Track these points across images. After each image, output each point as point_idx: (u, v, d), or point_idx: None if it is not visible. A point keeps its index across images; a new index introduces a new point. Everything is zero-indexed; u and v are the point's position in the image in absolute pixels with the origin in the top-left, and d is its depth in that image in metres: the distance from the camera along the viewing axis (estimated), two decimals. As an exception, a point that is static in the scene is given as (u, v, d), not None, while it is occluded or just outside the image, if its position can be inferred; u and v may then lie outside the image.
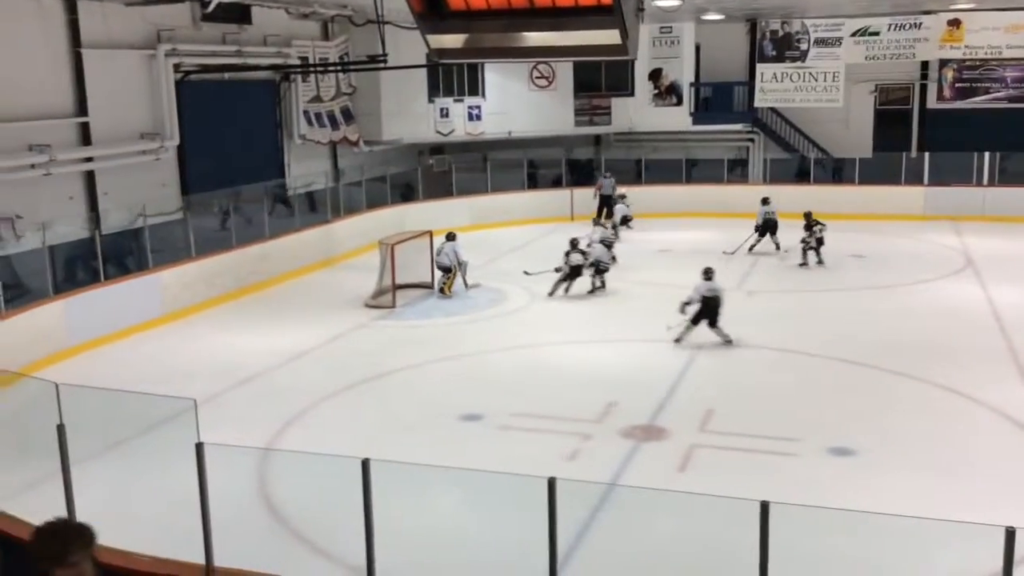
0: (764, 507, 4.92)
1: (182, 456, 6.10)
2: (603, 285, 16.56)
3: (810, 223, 18.27)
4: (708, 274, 13.41)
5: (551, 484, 5.40)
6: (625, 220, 21.63)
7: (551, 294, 16.29)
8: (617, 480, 8.87)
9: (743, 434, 10.05)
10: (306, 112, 21.24)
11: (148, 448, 9.20)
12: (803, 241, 18.28)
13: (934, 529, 6.74)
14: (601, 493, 8.31)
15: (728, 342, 13.16)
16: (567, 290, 16.34)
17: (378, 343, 14.10)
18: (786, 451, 9.52)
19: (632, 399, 11.08)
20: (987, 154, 23.74)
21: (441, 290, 16.65)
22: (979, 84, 23.09)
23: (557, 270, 16.24)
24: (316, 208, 21.14)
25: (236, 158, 19.47)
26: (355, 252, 20.03)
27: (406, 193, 23.95)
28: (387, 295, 16.18)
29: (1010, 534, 4.58)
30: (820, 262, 18.12)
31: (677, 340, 13.30)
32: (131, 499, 8.60)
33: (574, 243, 16.48)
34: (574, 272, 16.27)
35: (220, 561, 6.17)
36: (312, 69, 20.94)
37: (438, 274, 16.84)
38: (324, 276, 18.76)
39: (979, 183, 23.70)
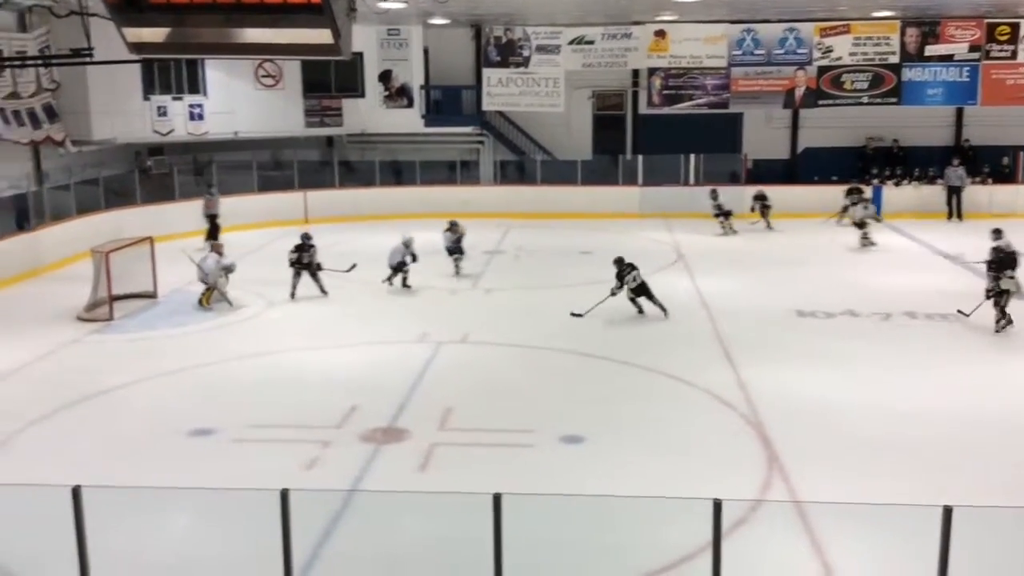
0: (496, 499, 5.03)
1: None
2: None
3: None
4: (998, 234, 14.10)
5: (284, 496, 5.22)
6: None
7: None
8: (358, 485, 8.74)
9: (481, 429, 10.25)
10: (2, 110, 19.26)
11: None
12: None
13: (657, 506, 7.23)
14: (341, 500, 8.16)
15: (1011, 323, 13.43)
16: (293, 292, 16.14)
17: (94, 359, 13.04)
18: (522, 442, 9.82)
19: (372, 402, 10.98)
20: (692, 156, 25.90)
21: (200, 302, 15.58)
22: (683, 91, 25.02)
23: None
24: (17, 214, 19.18)
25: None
26: (65, 261, 18.45)
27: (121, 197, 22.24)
28: (103, 307, 14.98)
29: (717, 506, 4.97)
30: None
31: (963, 314, 13.84)
32: None
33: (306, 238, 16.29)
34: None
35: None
36: (6, 63, 18.97)
37: (199, 286, 15.70)
38: (29, 288, 17.14)
39: (686, 183, 25.81)
